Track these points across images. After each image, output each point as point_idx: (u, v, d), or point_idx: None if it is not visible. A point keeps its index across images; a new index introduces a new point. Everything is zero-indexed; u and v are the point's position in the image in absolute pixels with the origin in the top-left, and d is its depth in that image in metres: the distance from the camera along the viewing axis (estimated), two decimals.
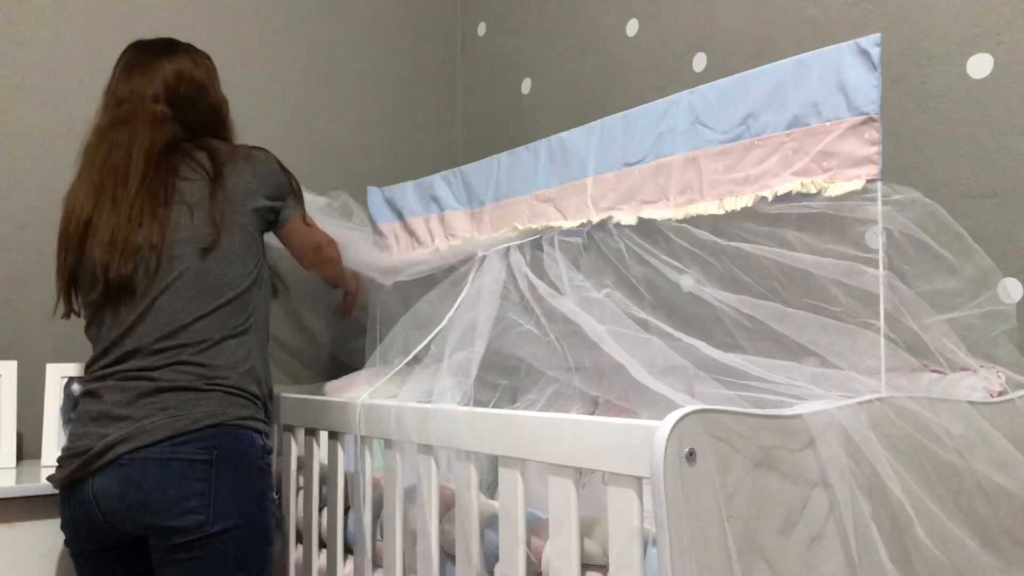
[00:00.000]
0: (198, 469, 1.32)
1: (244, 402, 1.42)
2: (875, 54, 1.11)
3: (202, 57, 1.63)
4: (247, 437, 1.40)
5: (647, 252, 1.39)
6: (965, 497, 1.12)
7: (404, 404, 1.46)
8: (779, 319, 1.21)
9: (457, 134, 2.77)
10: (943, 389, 1.22)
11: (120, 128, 1.49)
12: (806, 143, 1.18)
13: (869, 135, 1.11)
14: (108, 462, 1.31)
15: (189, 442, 1.33)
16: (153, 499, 1.30)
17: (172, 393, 1.36)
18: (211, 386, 1.38)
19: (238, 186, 1.49)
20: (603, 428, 1.01)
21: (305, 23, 2.48)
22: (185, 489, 1.31)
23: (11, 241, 2.00)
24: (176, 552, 1.32)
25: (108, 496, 1.32)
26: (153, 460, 1.31)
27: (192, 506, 1.31)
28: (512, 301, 1.62)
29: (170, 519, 1.30)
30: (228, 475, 1.35)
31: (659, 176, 1.38)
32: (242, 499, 1.36)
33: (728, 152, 1.27)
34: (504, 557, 1.21)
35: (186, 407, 1.35)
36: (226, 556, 1.33)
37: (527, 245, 1.63)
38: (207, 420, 1.35)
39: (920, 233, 1.21)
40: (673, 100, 1.37)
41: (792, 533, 0.93)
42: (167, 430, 1.32)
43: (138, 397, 1.35)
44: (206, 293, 1.42)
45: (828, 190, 1.15)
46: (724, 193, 1.27)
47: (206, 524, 1.31)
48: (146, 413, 1.34)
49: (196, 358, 1.39)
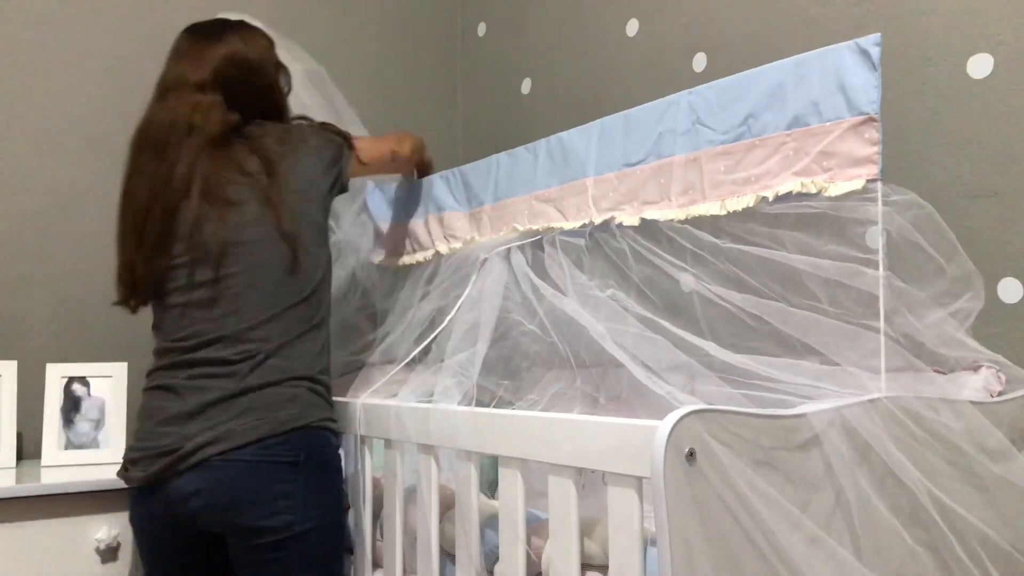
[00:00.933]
0: (285, 471, 1.35)
1: (322, 401, 1.45)
2: (875, 54, 1.11)
3: (254, 34, 1.58)
4: (326, 439, 1.43)
5: (651, 252, 1.39)
6: (968, 493, 1.12)
7: (404, 404, 1.46)
8: (781, 319, 1.21)
9: (457, 134, 2.77)
10: (943, 388, 1.23)
11: (170, 124, 1.45)
12: (807, 143, 1.18)
13: (869, 135, 1.11)
14: (197, 463, 1.32)
15: (277, 445, 1.35)
16: (244, 500, 1.32)
17: (257, 393, 1.37)
18: (294, 385, 1.40)
19: (303, 176, 1.48)
20: (603, 428, 1.01)
21: (305, 23, 2.48)
22: (275, 490, 1.34)
23: (11, 241, 2.00)
24: (263, 551, 1.34)
25: (197, 496, 1.33)
26: (243, 462, 1.33)
27: (281, 507, 1.34)
28: (515, 301, 1.62)
29: (260, 520, 1.33)
30: (313, 476, 1.38)
31: (660, 176, 1.38)
32: (325, 499, 1.40)
33: (729, 152, 1.27)
34: (504, 557, 1.21)
35: (271, 409, 1.36)
36: (311, 554, 1.36)
37: (528, 246, 1.63)
38: (293, 423, 1.37)
39: (916, 235, 1.22)
40: (673, 100, 1.37)
41: (793, 533, 0.93)
42: (255, 433, 1.34)
43: (222, 399, 1.36)
44: (282, 289, 1.41)
45: (828, 190, 1.15)
46: (726, 193, 1.27)
47: (295, 524, 1.34)
48: (232, 415, 1.35)
49: (277, 355, 1.39)
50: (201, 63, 1.49)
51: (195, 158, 1.42)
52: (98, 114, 2.13)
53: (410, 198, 2.00)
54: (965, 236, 1.44)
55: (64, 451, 1.85)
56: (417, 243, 1.97)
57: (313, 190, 1.50)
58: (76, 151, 2.10)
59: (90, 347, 2.06)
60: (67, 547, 1.62)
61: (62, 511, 1.62)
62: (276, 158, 1.45)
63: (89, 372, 1.91)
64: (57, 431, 1.85)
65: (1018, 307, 1.37)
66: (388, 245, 2.10)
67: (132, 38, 2.19)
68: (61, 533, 1.62)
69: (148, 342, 1.53)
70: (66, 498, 1.62)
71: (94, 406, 1.89)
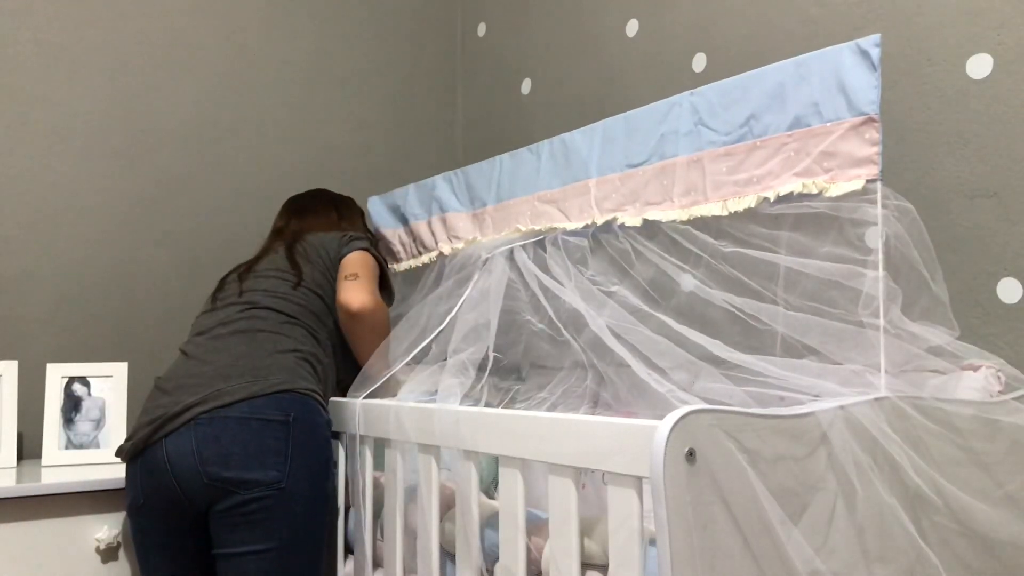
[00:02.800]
0: (275, 428, 1.38)
1: (309, 376, 1.51)
2: (875, 54, 1.11)
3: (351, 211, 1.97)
4: (315, 407, 1.47)
5: (653, 253, 1.39)
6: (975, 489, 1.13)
7: (402, 404, 1.46)
8: (781, 321, 1.21)
9: (457, 134, 2.77)
10: (943, 388, 1.23)
11: None
12: (808, 144, 1.18)
13: (869, 135, 1.11)
14: (184, 422, 1.37)
15: (266, 404, 1.39)
16: (233, 452, 1.35)
17: (246, 360, 1.45)
18: (283, 352, 1.50)
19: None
20: (603, 428, 1.01)
21: (305, 23, 2.48)
22: (264, 444, 1.37)
23: (11, 241, 2.00)
24: (248, 507, 1.35)
25: (183, 457, 1.35)
26: (232, 419, 1.37)
27: (270, 462, 1.36)
28: (522, 300, 1.62)
29: (249, 472, 1.35)
30: (302, 438, 1.41)
31: (663, 177, 1.38)
32: (313, 463, 1.42)
33: (731, 153, 1.28)
34: (504, 557, 1.21)
35: (260, 373, 1.44)
36: (295, 514, 1.38)
37: (531, 245, 1.63)
38: (281, 385, 1.43)
39: (910, 247, 1.22)
40: (675, 101, 1.37)
41: (794, 531, 0.93)
42: (244, 392, 1.39)
43: (214, 370, 1.45)
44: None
45: (829, 190, 1.15)
46: (728, 194, 1.28)
47: (282, 480, 1.37)
48: (222, 382, 1.42)
49: (271, 329, 1.54)
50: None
51: None
52: (99, 114, 2.13)
53: (412, 200, 2.01)
54: (965, 236, 1.44)
55: (64, 451, 1.85)
56: (422, 245, 1.97)
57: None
58: (76, 151, 2.10)
59: (90, 347, 2.06)
60: (67, 547, 1.62)
61: (62, 511, 1.62)
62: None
63: (89, 372, 1.91)
64: (57, 431, 1.85)
65: (1018, 307, 1.38)
66: (393, 249, 2.11)
67: (133, 38, 2.19)
68: (61, 533, 1.62)
69: (148, 342, 1.54)
70: (66, 498, 1.62)
71: (94, 406, 1.89)
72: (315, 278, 1.68)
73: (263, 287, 1.64)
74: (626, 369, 1.30)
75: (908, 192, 1.37)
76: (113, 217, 2.13)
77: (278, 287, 1.64)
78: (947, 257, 1.44)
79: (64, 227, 2.07)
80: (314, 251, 1.72)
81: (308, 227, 1.86)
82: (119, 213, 2.14)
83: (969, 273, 1.43)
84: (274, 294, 1.62)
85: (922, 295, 1.24)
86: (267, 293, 1.62)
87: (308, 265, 1.69)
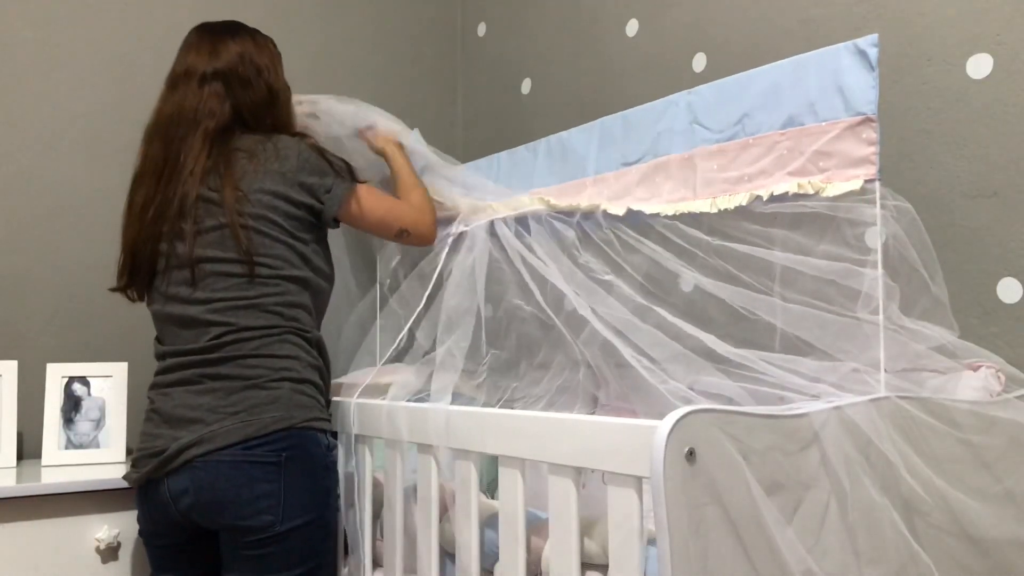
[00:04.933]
0: (268, 471, 1.36)
1: (309, 401, 1.44)
2: (873, 54, 1.11)
3: (267, 41, 1.61)
4: (313, 438, 1.43)
5: (643, 245, 1.39)
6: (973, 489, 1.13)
7: (396, 403, 1.46)
8: (779, 314, 1.21)
9: (457, 134, 2.77)
10: (943, 388, 1.23)
11: (177, 115, 1.48)
12: (801, 142, 1.18)
13: (867, 135, 1.11)
14: (181, 464, 1.36)
15: (259, 445, 1.36)
16: (226, 500, 1.34)
17: (240, 395, 1.39)
18: (278, 381, 1.41)
19: (263, 196, 1.46)
20: (603, 428, 1.01)
21: (305, 23, 2.48)
22: (256, 490, 1.35)
23: (11, 241, 2.00)
24: (246, 549, 1.36)
25: (183, 496, 1.37)
26: (225, 463, 1.35)
27: (263, 507, 1.35)
28: (506, 282, 1.60)
29: (242, 519, 1.35)
30: (296, 476, 1.38)
31: (656, 175, 1.38)
32: (309, 499, 1.40)
33: (723, 151, 1.28)
34: (504, 557, 1.21)
35: (256, 411, 1.38)
36: (292, 552, 1.37)
37: (511, 220, 1.60)
38: (276, 425, 1.38)
39: (908, 248, 1.22)
40: (672, 100, 1.37)
41: (793, 531, 0.93)
42: (238, 435, 1.36)
43: (210, 399, 1.39)
44: (244, 297, 1.45)
45: (826, 190, 1.15)
46: (717, 192, 1.28)
47: (276, 524, 1.35)
48: (218, 418, 1.37)
49: (260, 351, 1.41)
50: (211, 56, 1.52)
51: (198, 152, 1.45)
52: (99, 114, 2.13)
53: None
54: (965, 236, 1.44)
55: (64, 451, 1.85)
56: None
57: (274, 212, 1.46)
58: (77, 151, 2.10)
59: (90, 347, 2.06)
60: (67, 547, 1.62)
61: (62, 511, 1.62)
62: (238, 176, 1.45)
63: (89, 372, 1.91)
64: (57, 431, 1.85)
65: (1018, 307, 1.37)
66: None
67: (133, 38, 2.19)
68: (61, 533, 1.62)
69: (148, 342, 1.54)
70: (66, 498, 1.62)
71: (94, 406, 1.89)
72: (274, 254, 1.46)
73: (220, 295, 1.43)
74: (625, 369, 1.29)
75: (908, 192, 1.37)
76: (113, 217, 2.13)
77: (232, 290, 1.44)
78: (947, 257, 1.44)
79: (64, 227, 2.07)
80: (260, 206, 1.45)
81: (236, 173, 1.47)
82: (119, 213, 2.13)
83: (969, 273, 1.43)
84: (235, 304, 1.43)
85: (922, 296, 1.24)
86: (230, 305, 1.43)
87: (258, 236, 1.44)
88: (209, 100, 1.48)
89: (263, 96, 1.55)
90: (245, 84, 1.52)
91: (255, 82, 1.53)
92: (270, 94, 1.56)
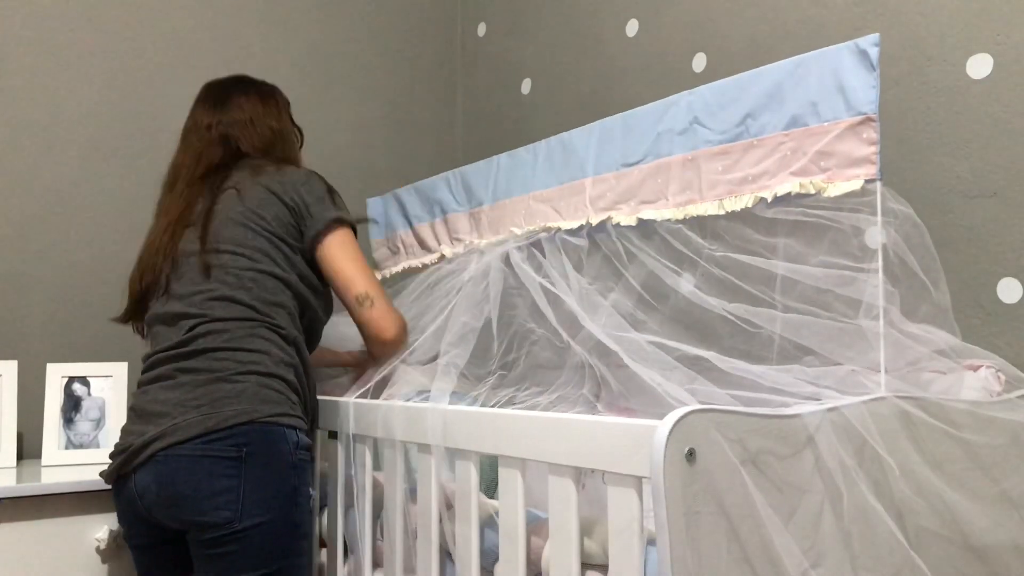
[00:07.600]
0: (228, 465, 1.34)
1: (277, 396, 1.42)
2: (873, 54, 1.11)
3: (272, 90, 1.70)
4: (279, 434, 1.40)
5: (648, 256, 1.39)
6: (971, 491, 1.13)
7: (393, 403, 1.46)
8: (779, 324, 1.21)
9: (457, 134, 2.77)
10: (943, 388, 1.23)
11: (183, 164, 1.61)
12: (804, 143, 1.18)
13: (867, 135, 1.11)
14: (146, 458, 1.36)
15: (219, 439, 1.35)
16: (184, 494, 1.33)
17: (205, 388, 1.38)
18: (244, 375, 1.40)
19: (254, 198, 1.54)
20: (603, 428, 1.01)
21: (305, 23, 2.48)
22: (215, 485, 1.33)
23: (11, 241, 2.00)
24: (207, 547, 1.35)
25: (148, 492, 1.36)
26: (184, 457, 1.34)
27: (221, 502, 1.33)
28: (519, 307, 1.61)
29: (200, 515, 1.33)
30: (257, 472, 1.36)
31: (658, 176, 1.38)
32: (271, 496, 1.37)
33: (727, 152, 1.28)
34: (504, 557, 1.21)
35: (218, 405, 1.37)
36: (254, 551, 1.35)
37: (526, 246, 1.63)
38: (237, 419, 1.36)
39: (908, 253, 1.22)
40: (672, 100, 1.37)
41: (793, 531, 0.93)
42: (198, 428, 1.34)
43: (179, 394, 1.39)
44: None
45: (827, 190, 1.15)
46: (723, 193, 1.27)
47: (234, 520, 1.33)
48: (182, 411, 1.37)
49: (230, 343, 1.42)
50: (215, 109, 1.63)
51: (198, 192, 1.55)
52: (98, 114, 2.13)
53: (415, 203, 2.01)
54: (965, 236, 1.44)
55: (64, 451, 1.85)
56: (424, 247, 1.97)
57: (263, 207, 1.51)
58: (76, 151, 2.10)
59: (90, 347, 2.06)
60: (67, 547, 1.62)
61: (62, 511, 1.62)
62: (235, 180, 1.54)
63: (89, 372, 1.91)
64: (57, 431, 1.85)
65: (1018, 307, 1.37)
66: (393, 250, 2.11)
67: (132, 39, 2.19)
68: (61, 533, 1.62)
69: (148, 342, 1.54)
70: (66, 498, 1.62)
71: (94, 406, 1.89)
72: (254, 246, 1.48)
73: (198, 288, 1.46)
74: (624, 370, 1.29)
75: (908, 192, 1.37)
76: (113, 217, 2.13)
77: (209, 282, 1.46)
78: (947, 257, 1.44)
79: (64, 227, 2.07)
80: (252, 213, 1.49)
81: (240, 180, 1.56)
82: (119, 213, 2.14)
83: (969, 273, 1.43)
84: (211, 296, 1.45)
85: (924, 302, 1.24)
86: (205, 297, 1.45)
87: (243, 228, 1.48)
88: (214, 146, 1.59)
89: (268, 138, 1.64)
90: (250, 131, 1.62)
91: (260, 129, 1.63)
92: (275, 135, 1.65)
